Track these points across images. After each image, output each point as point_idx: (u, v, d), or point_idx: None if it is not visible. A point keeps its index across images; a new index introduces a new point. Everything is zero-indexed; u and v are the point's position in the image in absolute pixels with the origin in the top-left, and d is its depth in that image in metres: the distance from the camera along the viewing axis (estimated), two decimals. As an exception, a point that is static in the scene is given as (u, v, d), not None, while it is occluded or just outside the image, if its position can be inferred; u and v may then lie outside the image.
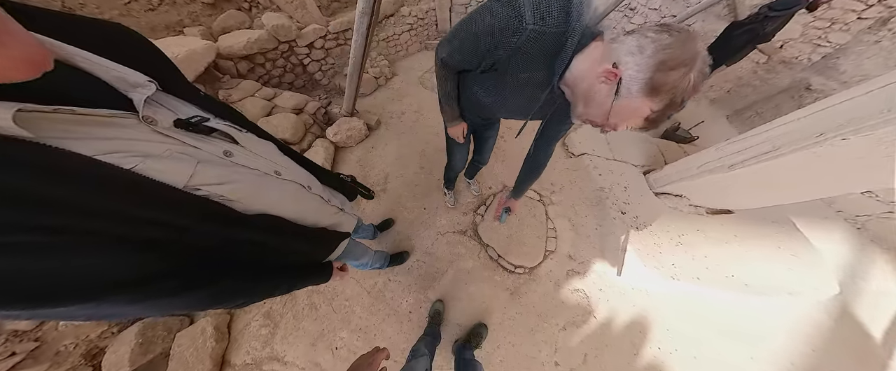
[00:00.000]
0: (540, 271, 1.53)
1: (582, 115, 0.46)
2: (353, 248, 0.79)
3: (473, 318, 1.35)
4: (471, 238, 1.60)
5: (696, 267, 1.52)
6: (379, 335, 1.29)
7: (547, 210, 1.75)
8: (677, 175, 1.61)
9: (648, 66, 0.33)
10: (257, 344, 1.25)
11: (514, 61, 0.45)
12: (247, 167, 0.37)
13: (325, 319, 1.32)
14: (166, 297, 0.29)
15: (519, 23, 0.39)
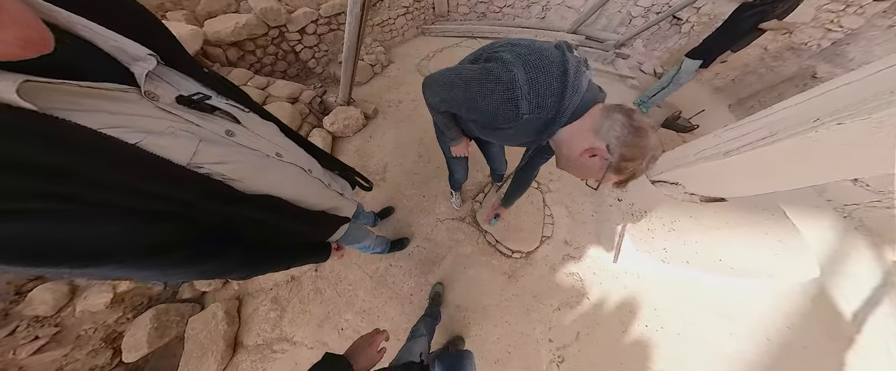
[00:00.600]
0: (536, 256, 1.55)
1: (566, 168, 0.54)
2: (354, 231, 0.78)
3: (472, 300, 1.39)
4: (469, 224, 1.61)
5: (687, 252, 1.54)
6: (382, 317, 1.33)
7: (544, 197, 1.75)
8: (674, 163, 1.59)
9: (622, 151, 0.41)
10: (267, 326, 1.30)
11: (497, 127, 0.51)
12: (248, 148, 0.36)
13: (330, 303, 1.36)
14: (179, 266, 0.30)
15: (516, 114, 0.42)
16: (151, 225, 0.26)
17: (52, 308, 1.06)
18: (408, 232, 1.54)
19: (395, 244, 1.36)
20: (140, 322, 1.15)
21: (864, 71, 0.94)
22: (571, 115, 0.44)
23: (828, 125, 0.94)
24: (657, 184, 1.69)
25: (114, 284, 1.10)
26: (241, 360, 1.23)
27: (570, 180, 1.85)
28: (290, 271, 1.40)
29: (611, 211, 1.65)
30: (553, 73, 0.40)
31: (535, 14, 3.02)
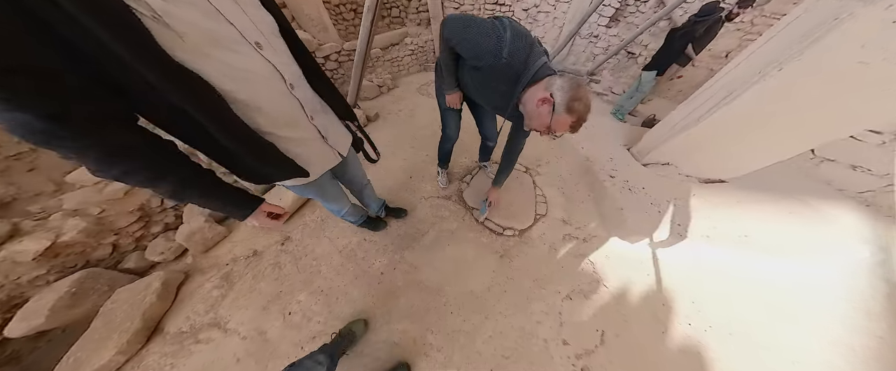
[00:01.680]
0: (532, 234, 1.29)
1: (530, 125, 0.66)
2: (328, 186, 0.65)
3: (455, 284, 1.08)
4: (455, 202, 1.44)
5: (703, 226, 1.28)
6: (341, 298, 1.02)
7: (534, 180, 1.61)
8: (656, 140, 1.53)
9: (566, 97, 0.56)
10: (202, 307, 1.01)
11: (488, 71, 0.64)
12: (217, 9, 0.28)
13: (287, 279, 1.08)
14: (89, 125, 0.24)
15: (498, 54, 0.58)
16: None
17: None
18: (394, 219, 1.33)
19: (370, 223, 1.13)
20: (58, 286, 0.91)
21: (783, 22, 0.99)
22: (532, 78, 0.60)
23: (771, 74, 0.95)
24: (649, 166, 1.56)
25: (57, 232, 0.93)
26: (150, 352, 0.89)
27: (558, 164, 1.75)
28: (253, 245, 1.19)
29: (606, 187, 1.47)
30: (526, 42, 0.59)
31: None
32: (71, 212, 0.97)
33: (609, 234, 1.31)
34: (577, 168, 1.71)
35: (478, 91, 0.75)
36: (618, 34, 3.04)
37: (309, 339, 0.90)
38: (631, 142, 1.88)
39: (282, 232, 1.25)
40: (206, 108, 0.29)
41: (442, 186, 1.51)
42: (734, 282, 1.15)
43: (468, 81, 0.75)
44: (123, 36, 0.22)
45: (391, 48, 2.77)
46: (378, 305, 1.00)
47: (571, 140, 1.89)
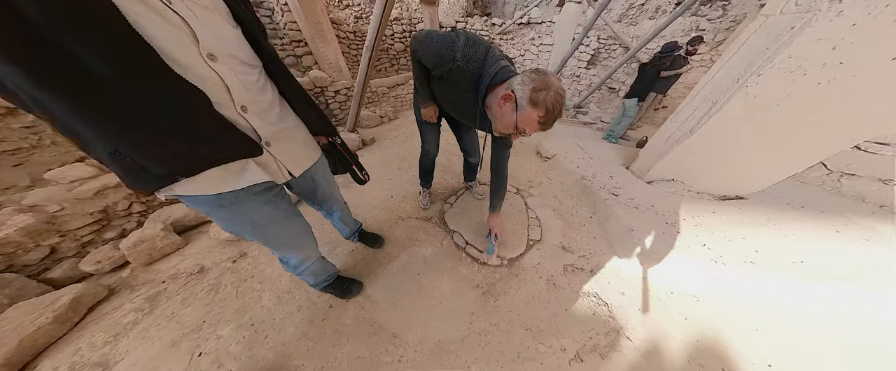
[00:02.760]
0: (524, 264, 1.05)
1: (499, 128, 0.62)
2: (276, 224, 0.47)
3: (421, 331, 0.82)
4: (435, 225, 1.27)
5: (741, 250, 1.00)
6: (270, 337, 0.79)
7: (526, 201, 1.45)
8: (653, 156, 1.41)
9: (527, 90, 0.51)
10: (101, 338, 0.80)
11: (450, 79, 0.63)
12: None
13: (218, 305, 0.89)
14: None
15: (452, 57, 0.58)
16: None
17: None
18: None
19: (339, 286, 0.85)
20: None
21: (745, 35, 1.01)
22: (493, 80, 0.59)
23: (749, 80, 0.94)
24: (654, 184, 1.39)
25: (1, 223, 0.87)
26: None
27: (551, 185, 1.60)
28: (203, 260, 1.05)
29: (609, 206, 1.26)
30: (480, 47, 0.59)
31: None
32: (26, 208, 0.93)
33: (622, 263, 1.04)
34: (573, 188, 1.54)
35: (450, 103, 0.74)
36: (596, 74, 3.44)
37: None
38: (628, 160, 1.75)
39: (239, 248, 1.11)
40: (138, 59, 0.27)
41: (423, 207, 1.38)
42: (811, 326, 0.78)
43: (439, 94, 0.76)
44: None
45: (396, 87, 3.25)
46: (311, 353, 0.75)
47: (564, 161, 1.78)
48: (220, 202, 0.39)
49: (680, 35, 3.26)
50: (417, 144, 1.16)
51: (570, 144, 2.06)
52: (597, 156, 1.86)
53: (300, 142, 0.49)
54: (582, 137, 2.48)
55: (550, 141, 2.18)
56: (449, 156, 1.97)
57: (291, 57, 2.46)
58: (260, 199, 0.43)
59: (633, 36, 3.45)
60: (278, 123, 0.43)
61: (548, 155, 1.95)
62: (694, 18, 3.30)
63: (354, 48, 3.05)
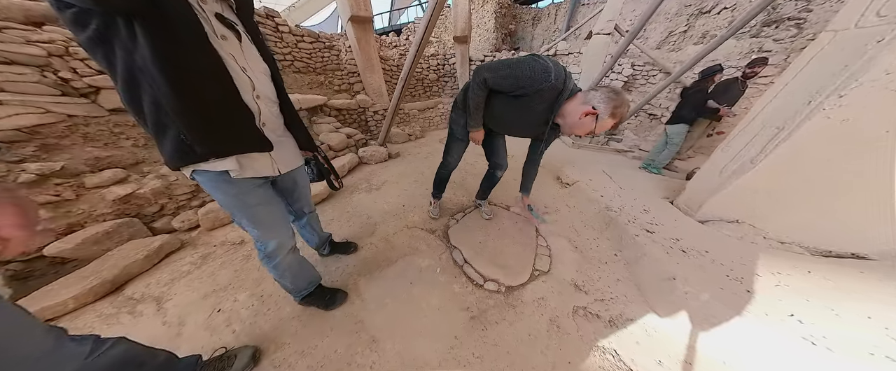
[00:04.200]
0: (524, 295, 0.95)
1: (574, 131, 0.75)
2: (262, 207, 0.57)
3: (402, 342, 0.79)
4: (438, 238, 1.27)
5: (863, 334, 0.67)
6: (271, 311, 0.88)
7: (538, 227, 1.33)
8: (705, 190, 1.16)
9: (609, 107, 0.67)
10: (166, 277, 1.04)
11: (533, 96, 0.73)
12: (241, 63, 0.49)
13: (244, 274, 1.05)
14: None
15: (546, 79, 0.70)
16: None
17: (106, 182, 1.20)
18: (365, 241, 1.21)
19: (321, 294, 0.85)
20: (103, 224, 1.13)
21: (815, 47, 0.84)
22: (570, 93, 0.72)
23: (827, 102, 0.81)
24: (709, 224, 1.13)
25: (140, 185, 1.27)
26: (93, 309, 0.90)
27: (570, 214, 1.46)
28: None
29: (640, 243, 1.07)
30: (562, 67, 0.72)
31: None
32: (159, 175, 1.33)
33: (658, 320, 0.82)
34: (595, 219, 1.36)
35: (511, 120, 0.85)
36: (632, 100, 3.19)
37: (209, 351, 0.72)
38: (672, 194, 1.47)
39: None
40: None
41: (433, 216, 1.42)
42: None
43: (500, 114, 0.85)
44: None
45: (426, 110, 3.68)
46: (298, 335, 0.79)
47: (586, 189, 1.61)
48: (226, 180, 0.52)
49: (736, 58, 2.86)
50: (437, 162, 1.26)
51: (596, 172, 1.87)
52: (628, 186, 1.64)
53: (290, 150, 0.67)
54: (612, 165, 2.23)
55: (573, 166, 2.02)
56: (463, 174, 2.01)
57: (346, 84, 3.06)
58: (253, 183, 0.57)
59: (676, 61, 3.18)
60: (280, 136, 0.63)
61: (568, 181, 1.81)
62: (755, 40, 2.90)
63: (395, 78, 3.62)
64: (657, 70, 3.27)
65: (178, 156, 0.46)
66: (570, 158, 2.55)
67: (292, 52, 2.57)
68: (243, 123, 0.51)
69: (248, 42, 0.52)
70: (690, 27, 4.16)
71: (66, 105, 1.24)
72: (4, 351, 0.35)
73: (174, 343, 0.78)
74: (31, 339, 0.38)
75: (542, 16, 6.65)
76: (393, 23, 9.96)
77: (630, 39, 2.26)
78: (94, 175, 1.22)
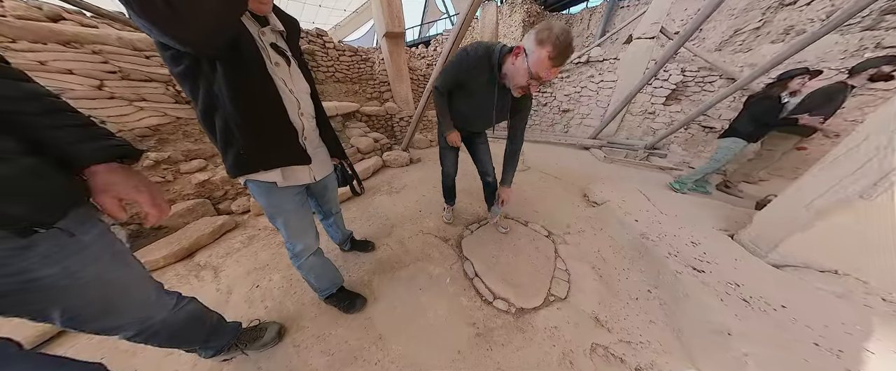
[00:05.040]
0: (535, 321, 0.89)
1: (517, 84, 0.71)
2: (296, 214, 0.66)
3: (407, 345, 0.81)
4: (451, 247, 1.29)
5: None
6: (299, 293, 0.99)
7: (557, 248, 1.26)
8: (784, 226, 0.95)
9: (532, 36, 0.63)
10: (222, 250, 1.25)
11: (470, 78, 0.80)
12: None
13: (280, 257, 1.20)
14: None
15: (465, 56, 0.77)
16: None
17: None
18: (383, 242, 1.28)
19: (342, 298, 0.90)
20: (187, 203, 1.43)
21: None
22: (501, 51, 0.73)
23: None
24: (787, 270, 0.92)
25: (214, 173, 1.58)
26: (173, 268, 1.15)
27: (596, 237, 1.33)
28: None
29: (686, 286, 0.92)
30: (481, 43, 0.76)
31: (559, 130, 3.82)
32: None
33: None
34: (627, 247, 1.21)
35: (471, 110, 0.90)
36: (681, 110, 2.77)
37: (246, 321, 0.85)
38: (732, 225, 1.22)
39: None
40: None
41: (446, 221, 1.45)
42: None
43: (461, 109, 0.93)
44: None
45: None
46: (316, 320, 0.87)
47: (618, 210, 1.45)
48: (270, 189, 0.61)
49: (839, 58, 2.27)
50: (464, 166, 1.32)
51: (631, 191, 1.67)
52: (671, 210, 1.43)
53: (324, 159, 0.76)
54: (651, 184, 1.97)
55: (603, 183, 1.85)
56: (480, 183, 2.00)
57: (377, 92, 3.34)
58: (291, 191, 0.65)
59: (745, 64, 2.68)
60: (316, 148, 0.71)
61: (597, 200, 1.65)
62: (871, 35, 2.25)
63: (422, 87, 3.82)
64: (716, 75, 2.80)
65: (237, 167, 0.55)
66: (601, 174, 2.34)
67: (334, 65, 2.96)
68: (289, 140, 0.59)
69: (295, 65, 0.60)
70: (767, 22, 3.43)
71: (176, 110, 1.62)
72: (127, 291, 0.47)
73: (223, 308, 0.92)
74: (144, 287, 0.50)
75: (573, 21, 6.37)
76: (422, 35, 10.46)
77: (682, 41, 1.99)
78: (186, 163, 1.56)
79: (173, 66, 0.43)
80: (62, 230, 0.37)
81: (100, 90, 1.39)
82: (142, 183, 0.43)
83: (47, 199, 0.35)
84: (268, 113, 0.54)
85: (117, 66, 1.45)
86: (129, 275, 0.47)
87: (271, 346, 0.78)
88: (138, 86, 1.51)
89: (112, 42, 1.44)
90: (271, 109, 0.54)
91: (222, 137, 0.51)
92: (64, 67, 1.31)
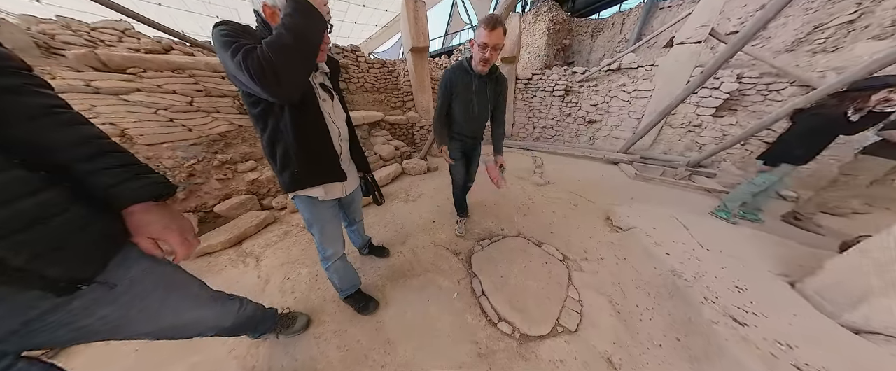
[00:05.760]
0: (540, 349, 0.88)
1: (478, 61, 0.93)
2: (330, 222, 0.77)
3: (411, 353, 0.86)
4: (461, 262, 1.31)
5: None
6: (322, 290, 1.11)
7: (571, 275, 1.21)
8: (873, 280, 0.76)
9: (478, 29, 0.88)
10: (263, 242, 1.47)
11: (457, 86, 1.03)
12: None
13: (308, 253, 1.36)
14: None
15: (447, 73, 1.03)
16: None
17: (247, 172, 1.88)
18: (395, 250, 1.36)
19: (359, 299, 0.99)
20: (240, 197, 1.72)
21: None
22: (468, 58, 1.01)
23: None
24: (874, 338, 0.76)
25: (263, 173, 1.87)
26: (226, 253, 1.39)
27: (617, 268, 1.24)
28: None
29: (726, 340, 0.82)
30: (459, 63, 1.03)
31: (584, 142, 3.58)
32: None
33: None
34: (654, 284, 1.10)
35: (471, 109, 1.06)
36: (737, 122, 2.37)
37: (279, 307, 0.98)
38: (795, 270, 1.03)
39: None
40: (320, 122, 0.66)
41: (459, 234, 1.50)
42: None
43: (462, 114, 1.09)
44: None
45: None
46: (335, 316, 0.98)
47: (645, 240, 1.31)
48: (313, 202, 0.72)
49: None
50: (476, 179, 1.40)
51: (664, 217, 1.50)
52: (714, 244, 1.26)
53: (353, 175, 0.86)
54: (691, 209, 1.74)
55: (631, 206, 1.70)
56: (497, 196, 1.99)
57: (400, 102, 3.55)
58: (328, 204, 0.76)
59: (826, 69, 2.23)
60: (347, 166, 0.81)
61: (622, 224, 1.53)
62: None
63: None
64: (785, 82, 2.35)
65: (292, 185, 0.67)
66: (629, 193, 2.12)
67: (364, 76, 3.29)
68: (332, 162, 0.71)
69: (336, 98, 0.73)
70: (866, 13, 2.59)
71: (239, 119, 1.96)
72: (187, 314, 0.52)
73: (260, 295, 1.10)
74: (204, 308, 0.57)
75: (603, 27, 5.91)
76: (445, 45, 10.78)
77: (742, 43, 1.67)
78: (242, 163, 1.87)
79: (253, 108, 0.57)
80: (101, 283, 0.36)
81: (190, 105, 1.77)
82: (173, 221, 0.43)
83: (89, 251, 0.34)
84: (318, 142, 0.66)
85: (203, 86, 1.82)
86: (184, 303, 0.49)
87: (299, 333, 0.91)
88: (215, 100, 1.88)
89: (201, 67, 1.82)
90: (321, 139, 0.66)
91: (281, 161, 0.63)
92: (171, 88, 1.70)
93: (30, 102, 0.31)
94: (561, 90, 3.74)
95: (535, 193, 2.14)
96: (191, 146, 1.70)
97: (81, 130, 0.35)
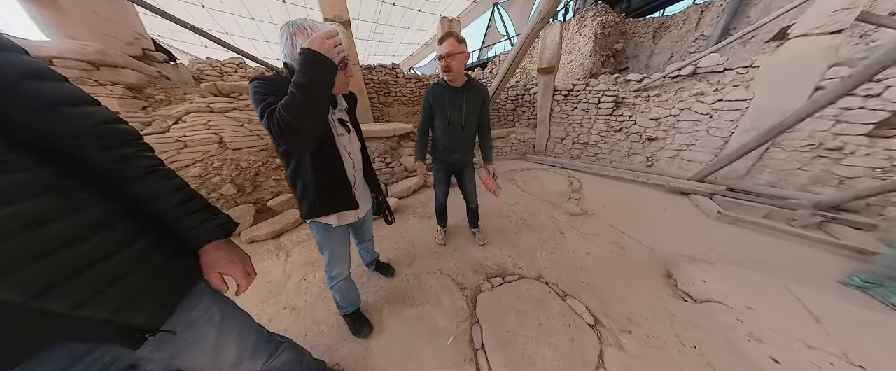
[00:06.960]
0: None
1: (444, 75, 1.05)
2: (340, 245, 0.82)
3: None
4: (465, 298, 1.20)
5: None
6: (329, 301, 1.16)
7: (603, 351, 0.94)
8: None
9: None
10: (295, 238, 1.69)
11: (436, 105, 1.12)
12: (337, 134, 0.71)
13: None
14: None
15: (432, 91, 1.11)
16: None
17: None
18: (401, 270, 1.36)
19: (356, 319, 1.01)
20: (285, 195, 2.05)
21: None
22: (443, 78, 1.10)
23: None
24: None
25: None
26: (267, 243, 1.65)
27: (680, 355, 0.91)
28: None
29: None
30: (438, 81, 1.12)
31: (639, 163, 2.92)
32: None
33: None
34: None
35: (452, 127, 1.13)
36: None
37: (291, 310, 1.10)
38: None
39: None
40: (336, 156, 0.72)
41: (438, 242, 1.60)
42: None
43: (442, 131, 1.16)
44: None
45: (497, 139, 3.74)
46: (332, 331, 1.02)
47: (729, 318, 0.92)
48: (327, 229, 0.77)
49: None
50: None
51: (773, 291, 1.03)
52: (858, 341, 0.78)
53: (366, 199, 0.89)
54: (820, 281, 1.14)
55: (713, 265, 1.24)
56: (518, 223, 1.80)
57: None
58: (340, 229, 0.81)
59: None
60: (361, 190, 0.85)
61: (692, 292, 1.12)
62: None
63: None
64: None
65: (309, 213, 0.72)
66: (708, 242, 1.54)
67: (401, 91, 3.63)
68: (345, 193, 0.76)
69: (353, 131, 0.77)
70: None
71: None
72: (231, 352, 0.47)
73: (281, 289, 1.23)
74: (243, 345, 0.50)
75: (670, 24, 4.73)
76: (481, 57, 10.67)
77: None
78: (293, 168, 2.25)
79: (279, 149, 0.67)
80: (166, 331, 0.35)
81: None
82: (237, 256, 0.45)
83: (164, 295, 0.35)
84: (333, 175, 0.72)
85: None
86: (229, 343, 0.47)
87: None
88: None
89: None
90: (336, 173, 0.72)
91: (301, 192, 0.70)
92: (251, 106, 2.17)
93: (142, 164, 0.38)
94: (609, 102, 3.09)
95: (566, 225, 1.81)
96: (260, 151, 2.12)
97: (175, 181, 0.41)
